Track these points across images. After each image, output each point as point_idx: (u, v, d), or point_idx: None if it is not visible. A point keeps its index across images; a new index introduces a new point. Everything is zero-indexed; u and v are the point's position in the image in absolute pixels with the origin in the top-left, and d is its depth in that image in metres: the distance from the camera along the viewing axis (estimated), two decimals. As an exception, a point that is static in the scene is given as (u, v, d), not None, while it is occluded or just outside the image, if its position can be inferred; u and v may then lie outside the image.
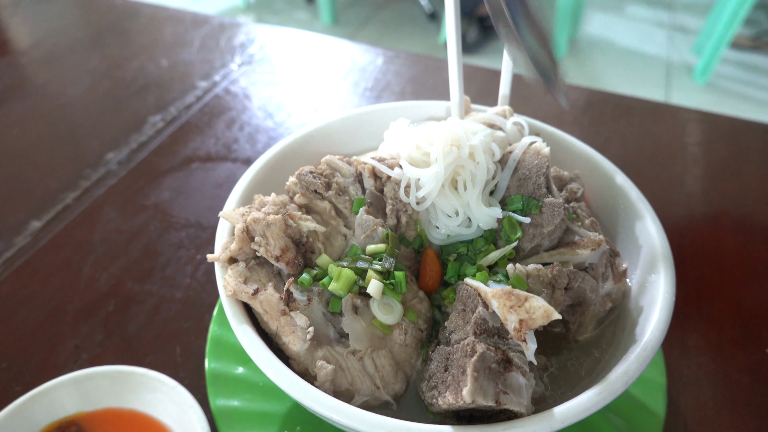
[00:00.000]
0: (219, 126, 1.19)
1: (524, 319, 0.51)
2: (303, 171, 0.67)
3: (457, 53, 0.72)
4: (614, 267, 0.64)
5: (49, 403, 0.64)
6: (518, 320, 0.51)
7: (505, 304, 0.53)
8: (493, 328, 0.54)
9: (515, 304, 0.52)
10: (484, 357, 0.51)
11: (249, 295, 0.58)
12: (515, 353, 0.53)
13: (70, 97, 1.29)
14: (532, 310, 0.51)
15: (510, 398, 0.50)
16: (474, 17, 3.69)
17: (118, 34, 1.52)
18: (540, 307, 0.51)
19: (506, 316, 0.52)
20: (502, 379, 0.51)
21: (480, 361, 0.51)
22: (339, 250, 0.65)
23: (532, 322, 0.51)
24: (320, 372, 0.56)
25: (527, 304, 0.52)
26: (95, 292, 0.86)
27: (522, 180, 0.66)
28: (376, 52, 1.42)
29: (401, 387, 0.60)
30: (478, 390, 0.49)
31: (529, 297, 0.52)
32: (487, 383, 0.50)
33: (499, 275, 0.60)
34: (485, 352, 0.51)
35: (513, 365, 0.52)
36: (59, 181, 1.06)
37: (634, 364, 0.53)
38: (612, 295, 0.64)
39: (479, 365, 0.51)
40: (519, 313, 0.52)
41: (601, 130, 1.20)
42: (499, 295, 0.53)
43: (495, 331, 0.54)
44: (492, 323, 0.54)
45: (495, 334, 0.54)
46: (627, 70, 3.62)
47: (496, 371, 0.51)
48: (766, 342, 0.80)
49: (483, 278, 0.58)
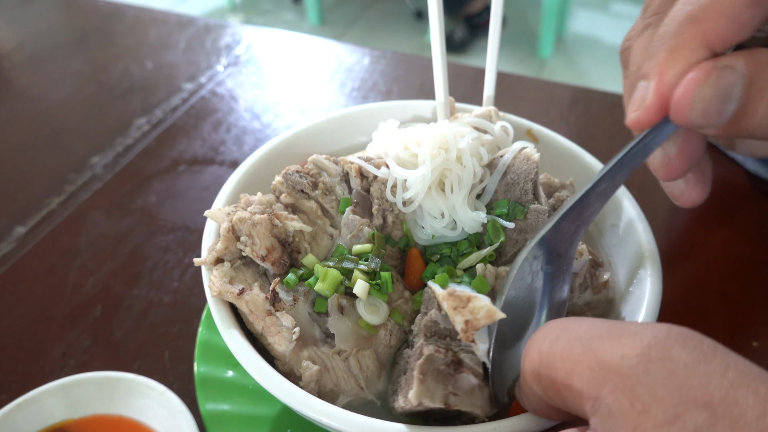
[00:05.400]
0: (205, 128, 1.19)
1: (469, 319, 0.51)
2: (289, 170, 0.67)
3: (441, 53, 0.72)
4: (594, 277, 0.64)
5: (36, 411, 0.63)
6: (464, 321, 0.51)
7: (451, 305, 0.52)
8: (445, 329, 0.54)
9: (458, 305, 0.52)
10: (431, 359, 0.51)
11: (234, 296, 0.58)
12: (467, 354, 0.53)
13: (53, 101, 1.27)
14: (476, 310, 0.51)
15: (460, 399, 0.50)
16: (461, 16, 3.70)
17: (102, 37, 1.50)
18: (483, 307, 0.51)
19: (453, 317, 0.52)
20: (452, 380, 0.51)
21: (427, 364, 0.51)
22: (325, 249, 0.65)
23: (476, 323, 0.51)
24: (305, 372, 0.55)
25: (471, 305, 0.51)
26: (82, 297, 0.86)
27: (510, 185, 0.66)
28: (363, 51, 1.42)
29: (384, 387, 0.60)
30: (424, 392, 0.49)
31: (472, 297, 0.52)
32: (435, 385, 0.50)
33: (464, 277, 0.60)
34: (433, 354, 0.51)
35: (464, 366, 0.52)
36: (44, 186, 1.04)
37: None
38: (592, 304, 0.64)
39: (426, 368, 0.51)
40: (463, 314, 0.51)
41: (587, 127, 1.21)
42: (445, 296, 0.53)
43: (447, 333, 0.54)
44: (444, 325, 0.54)
45: (447, 335, 0.54)
46: (613, 67, 3.64)
47: (446, 373, 0.51)
48: (754, 335, 0.81)
49: (442, 280, 0.58)
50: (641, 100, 0.48)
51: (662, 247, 0.65)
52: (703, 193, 0.57)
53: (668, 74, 0.46)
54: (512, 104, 1.23)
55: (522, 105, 1.26)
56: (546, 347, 0.42)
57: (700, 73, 0.44)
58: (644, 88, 0.48)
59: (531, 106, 1.25)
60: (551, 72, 3.63)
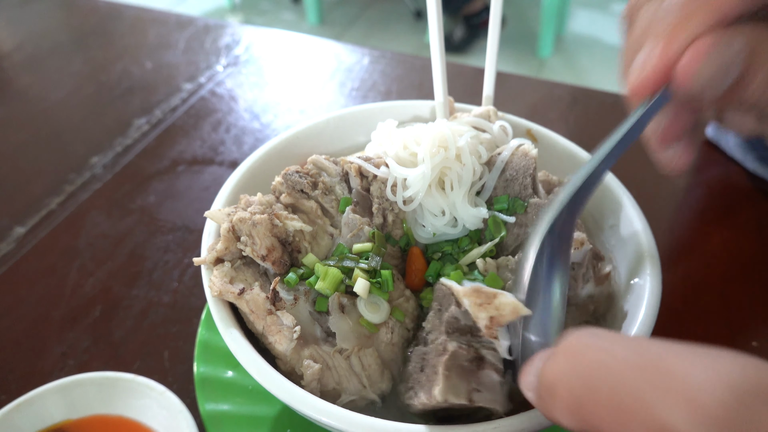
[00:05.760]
0: (205, 128, 1.19)
1: (494, 316, 0.51)
2: (289, 170, 0.67)
3: (440, 52, 0.72)
4: (596, 269, 0.64)
5: (35, 411, 0.63)
6: (488, 317, 0.51)
7: (475, 302, 0.52)
8: (466, 326, 0.54)
9: (484, 302, 0.52)
10: (455, 355, 0.51)
11: (235, 295, 0.58)
12: (488, 351, 0.53)
13: (53, 101, 1.27)
14: (501, 306, 0.51)
15: (483, 396, 0.50)
16: (460, 16, 3.69)
17: (101, 37, 1.50)
18: (509, 303, 0.51)
19: (477, 313, 0.52)
20: (475, 377, 0.51)
21: (451, 360, 0.51)
22: (325, 249, 0.65)
23: (501, 319, 0.51)
24: (307, 371, 0.55)
25: (496, 301, 0.51)
26: (81, 298, 0.86)
27: (509, 181, 0.66)
28: (362, 51, 1.42)
29: (387, 386, 0.60)
30: (450, 389, 0.49)
31: (498, 294, 0.52)
32: (459, 381, 0.50)
33: (475, 273, 0.60)
34: (457, 351, 0.51)
35: (486, 363, 0.52)
36: (43, 186, 1.04)
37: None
38: (595, 297, 0.64)
39: (450, 364, 0.51)
40: (488, 310, 0.51)
41: (586, 127, 1.21)
42: (469, 293, 0.53)
43: (467, 330, 0.54)
44: (464, 322, 0.54)
45: (468, 332, 0.54)
46: (613, 66, 3.64)
47: (469, 369, 0.51)
48: (753, 335, 0.81)
49: (457, 277, 0.58)
50: (643, 64, 0.48)
51: (662, 247, 0.65)
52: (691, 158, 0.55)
53: (676, 41, 0.46)
54: (512, 104, 1.23)
55: (521, 105, 1.26)
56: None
57: (707, 43, 0.44)
58: (649, 52, 0.47)
59: (530, 106, 1.25)
60: (551, 72, 3.63)
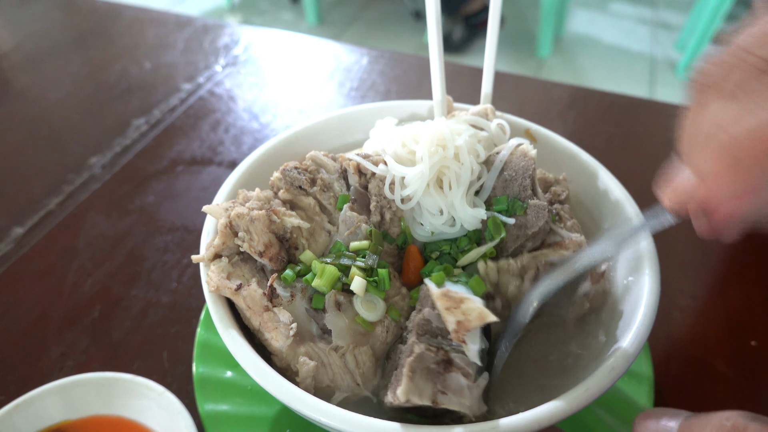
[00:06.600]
0: (204, 128, 1.18)
1: (461, 320, 0.51)
2: (287, 166, 0.67)
3: (439, 51, 0.72)
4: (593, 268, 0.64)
5: (34, 412, 0.63)
6: (456, 321, 0.52)
7: (444, 305, 0.53)
8: (437, 328, 0.55)
9: (451, 306, 0.52)
10: (422, 357, 0.52)
11: (232, 291, 0.58)
12: (457, 354, 0.53)
13: (51, 101, 1.27)
14: (468, 311, 0.52)
15: (448, 398, 0.50)
16: (459, 16, 3.69)
17: (100, 37, 1.50)
18: (475, 309, 0.51)
19: (446, 317, 0.53)
20: (441, 379, 0.51)
21: (417, 361, 0.51)
22: (323, 246, 0.65)
23: (468, 324, 0.51)
24: (302, 368, 0.56)
25: (463, 306, 0.52)
26: (80, 298, 0.85)
27: (508, 181, 0.66)
28: (361, 51, 1.42)
29: (381, 383, 0.60)
30: (412, 389, 0.50)
31: (465, 298, 0.53)
32: (424, 383, 0.51)
33: (461, 276, 0.60)
34: (423, 353, 0.52)
35: (454, 366, 0.52)
36: (42, 187, 1.04)
37: (621, 360, 0.53)
38: (590, 295, 0.64)
39: (416, 365, 0.51)
40: (456, 314, 0.52)
41: (585, 126, 1.21)
42: (438, 296, 0.54)
43: (438, 332, 0.55)
44: (436, 324, 0.55)
45: (438, 334, 0.55)
46: (611, 66, 3.65)
47: (435, 371, 0.52)
48: (752, 335, 0.81)
49: (439, 278, 0.59)
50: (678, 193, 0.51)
51: (661, 247, 0.65)
52: None
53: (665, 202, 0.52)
54: (511, 104, 1.23)
55: (520, 104, 1.26)
56: None
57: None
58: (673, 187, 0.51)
59: (529, 106, 1.25)
60: (550, 72, 3.63)
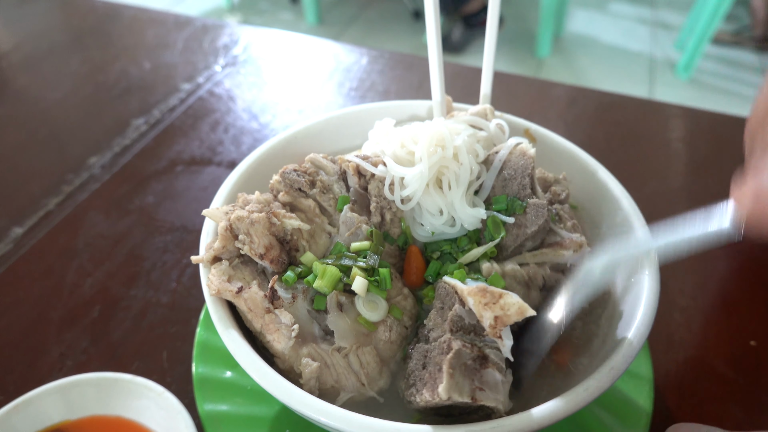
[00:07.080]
0: (203, 128, 1.18)
1: (499, 315, 0.51)
2: (287, 169, 0.67)
3: (438, 51, 0.72)
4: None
5: (34, 412, 0.63)
6: (493, 317, 0.52)
7: (480, 301, 0.53)
8: (470, 325, 0.55)
9: (490, 301, 0.52)
10: (459, 354, 0.52)
11: (233, 294, 0.57)
12: (491, 350, 0.53)
13: (51, 101, 1.27)
14: (506, 306, 0.52)
15: (486, 394, 0.51)
16: (458, 16, 3.69)
17: (99, 37, 1.50)
18: (514, 304, 0.51)
19: (481, 313, 0.53)
20: (478, 375, 0.52)
21: (456, 358, 0.51)
22: (323, 247, 0.65)
23: (506, 319, 0.51)
24: (305, 369, 0.55)
25: (502, 301, 0.52)
26: (79, 298, 0.85)
27: (507, 180, 0.66)
28: (361, 51, 1.42)
29: (386, 383, 0.60)
30: (453, 387, 0.50)
31: (504, 294, 0.53)
32: (463, 380, 0.51)
33: (478, 273, 0.60)
34: (461, 349, 0.52)
35: (489, 362, 0.52)
36: (41, 187, 1.04)
37: (621, 360, 0.53)
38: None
39: (455, 362, 0.51)
40: (494, 309, 0.52)
41: (584, 126, 1.21)
42: (474, 292, 0.54)
43: (471, 329, 0.55)
44: (468, 320, 0.55)
45: (471, 331, 0.55)
46: (611, 66, 3.65)
47: (472, 368, 0.52)
48: (752, 334, 0.81)
49: (460, 276, 0.59)
50: None
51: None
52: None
53: None
54: (510, 104, 1.23)
55: (520, 104, 1.26)
56: None
57: None
58: None
59: (529, 106, 1.25)
60: (549, 72, 3.63)
